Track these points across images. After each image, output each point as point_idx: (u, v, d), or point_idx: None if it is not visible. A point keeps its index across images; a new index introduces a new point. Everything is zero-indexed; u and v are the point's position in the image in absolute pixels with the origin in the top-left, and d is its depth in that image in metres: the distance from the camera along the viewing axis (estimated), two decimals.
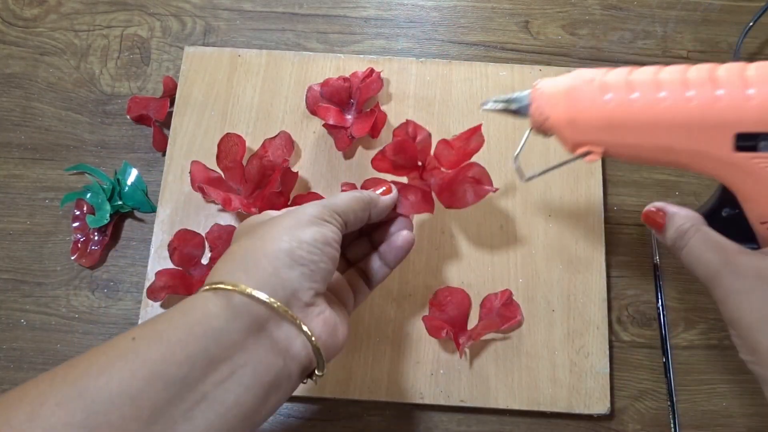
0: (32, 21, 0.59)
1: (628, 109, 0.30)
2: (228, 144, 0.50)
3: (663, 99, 0.29)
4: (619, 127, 0.31)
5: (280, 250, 0.32)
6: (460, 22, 0.59)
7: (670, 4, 0.59)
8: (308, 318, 0.32)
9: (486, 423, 0.48)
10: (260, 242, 0.33)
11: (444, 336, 0.46)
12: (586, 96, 0.32)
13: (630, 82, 0.30)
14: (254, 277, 0.31)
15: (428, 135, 0.46)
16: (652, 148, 0.31)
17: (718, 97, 0.27)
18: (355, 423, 0.48)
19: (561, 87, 0.34)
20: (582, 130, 0.33)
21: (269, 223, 0.34)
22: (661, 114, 0.29)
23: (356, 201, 0.38)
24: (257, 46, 0.57)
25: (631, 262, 0.52)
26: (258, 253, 0.32)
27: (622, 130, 0.31)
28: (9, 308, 0.50)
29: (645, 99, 0.30)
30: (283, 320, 0.31)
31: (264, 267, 0.32)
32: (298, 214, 0.35)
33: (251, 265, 0.32)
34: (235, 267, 0.32)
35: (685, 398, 0.48)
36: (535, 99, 0.36)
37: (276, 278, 0.31)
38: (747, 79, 0.27)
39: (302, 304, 0.32)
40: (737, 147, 0.28)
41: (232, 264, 0.32)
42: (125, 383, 0.26)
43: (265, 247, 0.32)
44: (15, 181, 0.54)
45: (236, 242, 0.35)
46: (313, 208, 0.35)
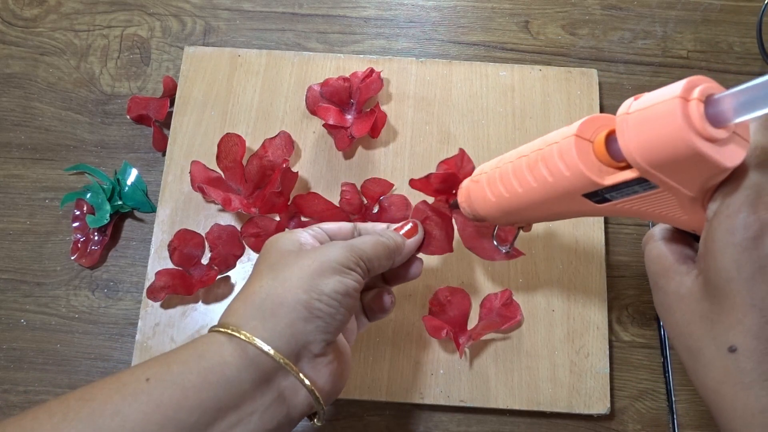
0: (32, 21, 0.59)
1: (506, 201, 0.36)
2: (228, 144, 0.50)
3: (521, 192, 0.35)
4: (510, 213, 0.37)
5: (299, 302, 0.32)
6: (460, 22, 0.59)
7: (670, 4, 0.59)
8: (316, 369, 0.33)
9: (486, 423, 0.48)
10: (281, 288, 0.33)
11: (444, 336, 0.46)
12: (478, 196, 0.39)
13: (500, 182, 0.36)
14: (270, 329, 0.31)
15: (473, 167, 0.43)
16: (538, 217, 0.37)
17: (551, 183, 0.32)
18: (355, 423, 0.48)
19: (464, 190, 0.40)
20: (491, 218, 0.39)
21: (292, 265, 0.34)
22: (526, 200, 0.35)
23: (383, 248, 0.37)
24: (257, 46, 0.57)
25: (631, 262, 0.52)
26: (276, 302, 0.32)
27: (513, 215, 0.37)
28: (9, 308, 0.50)
29: (512, 195, 0.35)
30: (290, 373, 0.32)
31: (281, 318, 0.32)
32: (323, 258, 0.34)
33: (268, 314, 0.32)
34: (252, 313, 0.32)
35: (684, 398, 0.48)
36: (459, 200, 0.41)
37: (291, 330, 0.32)
38: (562, 158, 0.31)
39: (312, 356, 0.33)
40: (595, 201, 0.32)
41: (251, 309, 0.32)
42: (138, 427, 0.27)
43: (284, 296, 0.32)
44: (15, 181, 0.54)
45: (258, 278, 0.34)
46: (339, 252, 0.35)
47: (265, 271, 0.34)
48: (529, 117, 0.53)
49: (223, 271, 0.49)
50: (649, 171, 0.27)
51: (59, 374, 0.49)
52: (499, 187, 0.36)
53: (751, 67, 0.57)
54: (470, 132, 0.53)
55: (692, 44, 0.58)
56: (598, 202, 0.31)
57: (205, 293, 0.49)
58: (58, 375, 0.49)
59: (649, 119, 0.26)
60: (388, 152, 0.53)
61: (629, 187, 0.29)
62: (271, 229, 0.50)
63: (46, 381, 0.49)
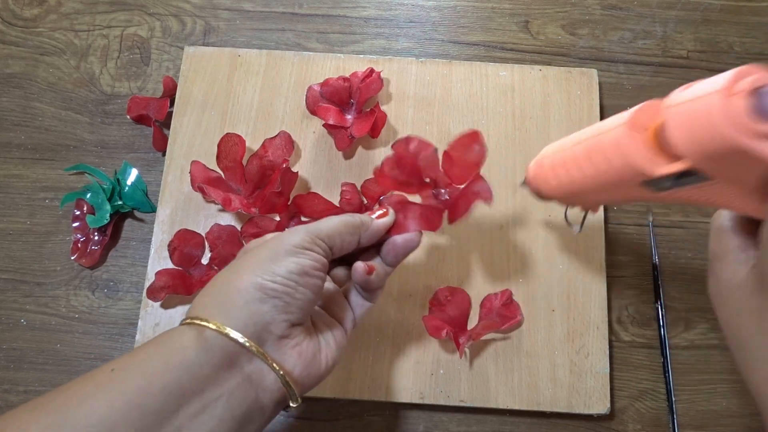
0: (32, 21, 0.59)
1: (566, 186, 0.38)
2: (228, 144, 0.50)
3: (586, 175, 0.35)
4: (570, 196, 0.39)
5: (251, 284, 0.32)
6: (460, 22, 0.59)
7: (670, 4, 0.59)
8: (281, 351, 0.33)
9: (486, 423, 0.48)
10: (234, 276, 0.33)
11: (444, 336, 0.46)
12: (544, 180, 0.40)
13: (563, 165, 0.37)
14: (225, 312, 0.32)
15: (434, 150, 0.42)
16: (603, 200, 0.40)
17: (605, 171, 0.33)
18: (355, 423, 0.48)
19: (534, 172, 0.42)
20: (556, 199, 0.41)
21: (247, 255, 0.35)
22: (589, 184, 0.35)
23: (344, 225, 0.37)
24: (257, 46, 0.57)
25: (631, 262, 0.52)
26: (231, 288, 0.33)
27: (572, 197, 0.39)
28: (9, 308, 0.50)
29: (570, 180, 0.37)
30: (254, 356, 0.32)
31: (235, 301, 0.32)
32: (276, 245, 0.35)
33: (223, 299, 0.33)
34: (210, 302, 0.33)
35: (684, 398, 0.48)
36: (527, 181, 0.44)
37: (246, 312, 0.32)
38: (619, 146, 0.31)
39: (275, 337, 0.33)
40: (653, 190, 0.31)
41: (208, 298, 0.33)
42: (104, 413, 0.27)
43: (237, 282, 0.33)
44: (15, 181, 0.54)
45: (218, 275, 0.35)
46: (294, 235, 0.35)
47: (225, 268, 0.35)
48: (529, 117, 0.53)
49: None
50: (698, 164, 0.26)
51: (59, 374, 0.49)
52: (560, 172, 0.38)
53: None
54: None
55: (692, 44, 0.58)
56: (658, 191, 0.31)
57: None
58: (58, 375, 0.49)
59: (692, 113, 0.25)
60: (388, 152, 0.53)
61: (684, 178, 0.28)
62: (271, 229, 0.50)
63: (46, 381, 0.49)
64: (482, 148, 0.42)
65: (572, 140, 0.36)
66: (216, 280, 0.34)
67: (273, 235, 0.37)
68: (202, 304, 0.33)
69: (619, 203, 0.39)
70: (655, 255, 0.51)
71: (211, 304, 0.33)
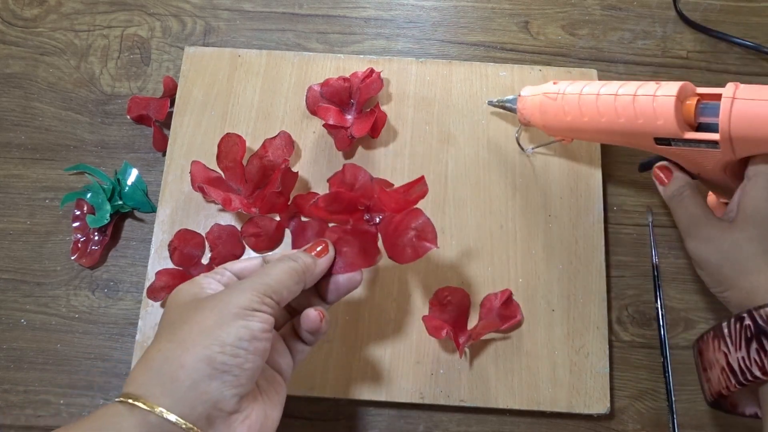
0: (32, 21, 0.59)
1: (581, 124, 0.45)
2: (228, 144, 0.50)
3: (603, 120, 0.43)
4: (576, 131, 0.47)
5: (199, 360, 0.30)
6: (460, 23, 0.59)
7: (669, 4, 0.59)
8: (231, 428, 0.31)
9: (486, 423, 0.48)
10: (179, 350, 0.30)
11: (444, 336, 0.46)
12: (551, 111, 0.46)
13: (580, 108, 0.44)
14: (171, 394, 0.29)
15: (369, 178, 0.42)
16: (600, 140, 0.50)
17: (639, 122, 0.41)
18: (355, 423, 0.48)
19: (536, 101, 0.48)
20: (552, 130, 0.48)
21: (190, 320, 0.32)
22: (603, 127, 0.44)
23: (289, 276, 0.35)
24: (257, 46, 0.57)
25: (631, 262, 0.52)
26: (175, 364, 0.30)
27: (578, 133, 0.47)
28: (9, 308, 0.50)
29: (591, 119, 0.44)
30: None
31: (182, 381, 0.30)
32: (222, 308, 0.32)
33: (167, 378, 0.30)
34: (152, 379, 0.30)
35: (685, 398, 0.48)
36: (519, 106, 0.50)
37: (194, 393, 0.30)
38: (656, 110, 0.40)
39: (225, 414, 0.31)
40: (656, 142, 0.42)
41: (150, 375, 0.30)
42: None
43: (183, 357, 0.30)
44: (15, 181, 0.54)
45: (157, 341, 0.32)
46: (240, 296, 0.32)
47: (164, 333, 0.32)
48: None
49: None
50: (729, 140, 0.38)
51: (59, 374, 0.49)
52: (579, 111, 0.44)
53: (751, 67, 0.57)
54: (470, 132, 0.53)
55: (692, 44, 0.58)
56: (661, 144, 0.42)
57: None
58: (58, 375, 0.49)
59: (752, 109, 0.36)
60: (388, 152, 0.53)
61: (697, 142, 0.40)
62: (272, 228, 0.50)
63: (46, 381, 0.49)
64: (425, 187, 0.40)
65: (596, 87, 0.43)
66: (157, 351, 0.31)
67: (210, 297, 0.34)
68: (143, 381, 0.30)
69: (610, 143, 0.49)
70: (655, 255, 0.51)
71: (154, 383, 0.30)
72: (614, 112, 0.42)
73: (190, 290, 0.35)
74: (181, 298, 0.34)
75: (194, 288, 0.35)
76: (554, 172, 0.52)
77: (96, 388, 0.48)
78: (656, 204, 0.53)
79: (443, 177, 0.52)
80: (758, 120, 0.36)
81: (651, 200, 0.53)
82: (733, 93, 0.37)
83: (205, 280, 0.35)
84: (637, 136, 0.42)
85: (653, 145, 0.42)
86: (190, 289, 0.35)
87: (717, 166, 0.41)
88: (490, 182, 0.52)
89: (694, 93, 0.40)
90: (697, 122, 0.40)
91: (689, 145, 0.40)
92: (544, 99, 0.47)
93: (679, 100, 0.39)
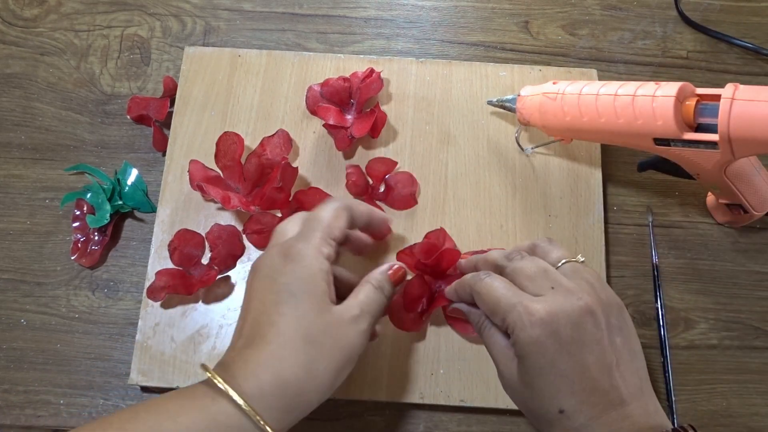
0: (32, 21, 0.59)
1: (580, 124, 0.45)
2: (226, 143, 0.50)
3: (602, 120, 0.43)
4: (575, 131, 0.47)
5: (319, 401, 0.36)
6: (460, 22, 0.59)
7: (669, 4, 0.59)
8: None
9: (486, 423, 0.48)
10: (311, 385, 0.35)
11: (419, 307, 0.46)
12: (551, 111, 0.47)
13: (580, 108, 0.44)
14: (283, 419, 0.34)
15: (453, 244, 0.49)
16: (600, 140, 0.50)
17: (638, 123, 0.41)
18: (355, 423, 0.48)
19: (535, 101, 0.48)
20: (551, 130, 0.49)
21: (326, 352, 0.35)
22: (602, 127, 0.44)
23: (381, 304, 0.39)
24: (257, 46, 0.57)
25: (631, 262, 0.52)
26: (304, 399, 0.35)
27: (577, 133, 0.47)
28: (9, 308, 0.50)
29: (590, 119, 0.44)
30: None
31: (299, 412, 0.35)
32: (351, 351, 0.36)
33: (292, 407, 0.34)
34: (279, 403, 0.34)
35: (684, 398, 0.48)
36: (519, 106, 0.50)
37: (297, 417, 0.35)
38: (655, 110, 0.40)
39: None
40: (656, 143, 0.42)
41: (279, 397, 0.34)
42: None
43: (311, 396, 0.35)
44: (15, 181, 0.54)
45: (293, 351, 0.35)
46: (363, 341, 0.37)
47: (300, 344, 0.35)
48: None
49: (223, 271, 0.49)
50: (728, 141, 0.38)
51: (59, 374, 0.49)
52: (579, 111, 0.44)
53: (751, 67, 0.57)
54: (470, 132, 0.53)
55: (692, 44, 0.58)
56: (660, 144, 0.42)
57: (205, 293, 0.49)
58: (58, 375, 0.49)
59: (751, 110, 0.36)
60: (388, 152, 0.53)
61: (696, 143, 0.40)
62: (274, 225, 0.49)
63: (46, 381, 0.49)
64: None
65: (595, 88, 0.44)
66: (295, 376, 0.34)
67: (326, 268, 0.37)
68: (269, 392, 0.33)
69: (608, 143, 0.50)
70: (655, 255, 0.51)
71: (279, 406, 0.33)
72: (613, 113, 0.42)
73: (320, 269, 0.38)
74: (314, 285, 0.37)
75: (319, 266, 0.38)
76: (554, 172, 0.52)
77: (96, 388, 0.48)
78: (656, 204, 0.53)
79: (443, 177, 0.52)
80: (757, 121, 0.36)
81: (651, 200, 0.53)
82: (732, 94, 0.37)
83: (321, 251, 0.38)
84: (636, 137, 0.42)
85: (652, 145, 0.42)
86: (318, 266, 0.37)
87: (716, 166, 0.41)
88: (490, 182, 0.52)
89: (694, 93, 0.40)
90: (696, 123, 0.40)
91: (688, 145, 0.40)
92: (543, 99, 0.47)
93: (678, 100, 0.40)
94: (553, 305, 0.35)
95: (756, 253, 0.52)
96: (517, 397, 0.37)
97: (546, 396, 0.35)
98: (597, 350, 0.35)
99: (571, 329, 0.35)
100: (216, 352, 0.47)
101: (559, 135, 0.49)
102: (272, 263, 0.37)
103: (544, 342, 0.34)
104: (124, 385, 0.48)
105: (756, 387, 0.49)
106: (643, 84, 0.41)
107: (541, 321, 0.35)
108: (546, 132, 0.49)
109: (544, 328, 0.34)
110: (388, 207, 0.51)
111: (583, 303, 0.35)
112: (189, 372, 0.47)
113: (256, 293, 0.37)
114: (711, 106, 0.39)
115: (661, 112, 0.40)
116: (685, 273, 0.51)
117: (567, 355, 0.34)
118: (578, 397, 0.34)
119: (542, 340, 0.34)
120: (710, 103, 0.39)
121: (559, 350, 0.34)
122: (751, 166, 0.45)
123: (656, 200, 0.53)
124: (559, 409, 0.34)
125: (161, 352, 0.47)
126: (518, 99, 0.50)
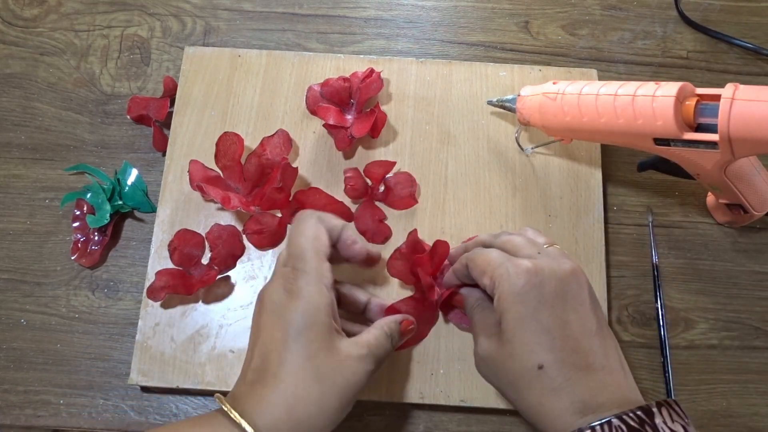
0: (32, 21, 0.59)
1: (580, 124, 0.45)
2: (226, 143, 0.50)
3: (602, 120, 0.43)
4: (575, 131, 0.47)
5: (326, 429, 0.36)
6: (460, 23, 0.59)
7: (669, 4, 0.59)
8: None
9: (486, 423, 0.48)
10: (322, 417, 0.35)
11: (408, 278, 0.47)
12: (551, 111, 0.47)
13: (580, 108, 0.44)
14: None
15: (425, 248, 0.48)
16: (600, 140, 0.50)
17: (638, 123, 0.41)
18: (355, 423, 0.48)
19: (535, 101, 0.48)
20: (551, 130, 0.48)
21: (335, 390, 0.36)
22: (602, 127, 0.44)
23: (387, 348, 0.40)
24: (257, 46, 0.57)
25: (631, 262, 0.52)
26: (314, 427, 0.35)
27: (577, 133, 0.47)
28: (9, 308, 0.50)
29: (590, 119, 0.44)
30: None
31: None
32: (355, 389, 0.37)
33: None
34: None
35: (684, 398, 0.48)
36: (519, 106, 0.50)
37: None
38: (655, 110, 0.40)
39: None
40: (656, 143, 0.42)
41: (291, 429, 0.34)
42: None
43: (321, 426, 0.35)
44: (15, 181, 0.54)
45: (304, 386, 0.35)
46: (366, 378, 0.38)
47: (311, 382, 0.35)
48: None
49: (223, 271, 0.49)
50: (728, 141, 0.37)
51: (59, 374, 0.49)
52: (579, 111, 0.45)
53: (751, 67, 0.57)
54: (470, 132, 0.53)
55: (692, 44, 0.58)
56: (660, 144, 0.42)
57: (205, 293, 0.49)
58: (58, 375, 0.49)
59: (751, 110, 0.36)
60: (388, 152, 0.53)
61: (696, 143, 0.40)
62: (274, 225, 0.50)
63: (46, 381, 0.49)
64: None
65: (595, 88, 0.44)
66: (307, 411, 0.35)
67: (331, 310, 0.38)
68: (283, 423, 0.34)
69: (608, 143, 0.50)
70: (655, 255, 0.51)
71: None
72: (613, 113, 0.42)
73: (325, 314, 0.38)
74: (321, 330, 0.37)
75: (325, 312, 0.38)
76: (554, 172, 0.52)
77: (96, 388, 0.48)
78: (656, 204, 0.53)
79: (443, 177, 0.52)
80: (757, 121, 0.36)
81: (651, 200, 0.53)
82: (732, 94, 0.37)
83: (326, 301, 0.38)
84: (636, 137, 0.42)
85: (652, 145, 0.42)
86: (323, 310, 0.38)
87: (716, 166, 0.41)
88: (490, 182, 0.52)
89: (694, 93, 0.40)
90: (696, 123, 0.40)
91: (688, 145, 0.40)
92: (543, 99, 0.47)
93: (678, 100, 0.40)
94: (540, 263, 0.37)
95: (756, 253, 0.52)
96: (493, 367, 0.38)
97: (525, 351, 0.35)
98: (580, 311, 0.36)
99: (556, 284, 0.36)
100: (216, 352, 0.47)
101: (559, 135, 0.49)
102: (279, 299, 0.38)
103: (528, 292, 0.35)
104: (124, 385, 0.48)
105: (756, 387, 0.49)
106: (643, 84, 0.41)
107: (527, 271, 0.36)
108: (546, 132, 0.49)
109: (528, 279, 0.36)
110: (388, 207, 0.51)
111: (568, 267, 0.37)
112: (189, 372, 0.47)
113: (264, 327, 0.37)
114: (711, 106, 0.39)
115: (661, 112, 0.40)
116: (685, 273, 0.51)
117: (550, 308, 0.35)
118: (558, 354, 0.34)
119: (526, 290, 0.35)
120: (710, 103, 0.39)
121: (542, 302, 0.35)
122: (751, 166, 0.45)
123: (656, 200, 0.53)
124: (538, 364, 0.35)
125: (161, 352, 0.47)
126: (518, 99, 0.50)
